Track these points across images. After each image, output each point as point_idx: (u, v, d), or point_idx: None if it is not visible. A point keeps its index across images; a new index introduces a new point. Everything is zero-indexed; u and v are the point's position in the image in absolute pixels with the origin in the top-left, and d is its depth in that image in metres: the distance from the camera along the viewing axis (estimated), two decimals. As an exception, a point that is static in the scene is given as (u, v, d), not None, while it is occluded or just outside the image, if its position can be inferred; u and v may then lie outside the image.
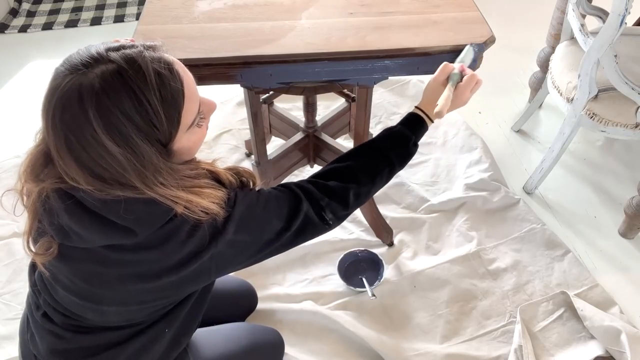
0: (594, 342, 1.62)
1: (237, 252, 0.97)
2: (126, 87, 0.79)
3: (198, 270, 0.93)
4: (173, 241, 0.90)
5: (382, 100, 2.49)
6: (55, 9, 3.28)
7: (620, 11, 1.48)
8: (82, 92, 0.78)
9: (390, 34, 1.28)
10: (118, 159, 0.80)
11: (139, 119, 0.80)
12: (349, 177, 1.09)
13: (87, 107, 0.77)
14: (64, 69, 0.80)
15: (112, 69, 0.79)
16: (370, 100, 1.52)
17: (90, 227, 0.86)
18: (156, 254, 0.90)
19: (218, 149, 2.27)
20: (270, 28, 1.31)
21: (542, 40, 2.29)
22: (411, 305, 1.73)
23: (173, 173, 0.87)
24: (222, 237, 0.92)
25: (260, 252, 1.00)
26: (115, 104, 0.78)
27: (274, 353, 1.42)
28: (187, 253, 0.91)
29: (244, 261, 1.00)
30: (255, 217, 0.97)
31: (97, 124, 0.78)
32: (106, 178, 0.83)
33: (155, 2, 1.42)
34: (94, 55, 0.81)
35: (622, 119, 1.72)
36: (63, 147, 0.80)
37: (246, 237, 0.96)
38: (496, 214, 2.00)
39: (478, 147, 2.23)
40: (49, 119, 0.80)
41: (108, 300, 0.95)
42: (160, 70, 0.82)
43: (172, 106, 0.84)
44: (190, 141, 0.92)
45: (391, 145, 1.13)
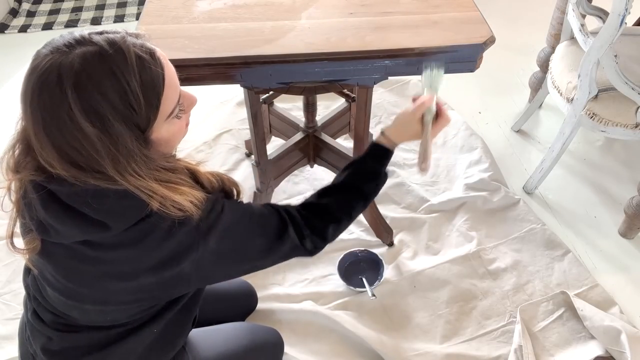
0: (594, 342, 1.62)
1: (218, 263, 0.96)
2: (106, 67, 0.78)
3: (177, 275, 0.92)
4: (150, 240, 0.88)
5: (382, 100, 2.49)
6: (55, 9, 3.28)
7: (620, 11, 1.48)
8: (61, 71, 0.77)
9: (390, 34, 1.28)
10: (92, 141, 0.79)
11: (117, 100, 0.79)
12: (329, 216, 1.13)
13: (65, 86, 0.77)
14: (46, 51, 0.80)
15: (93, 50, 0.78)
16: (370, 100, 1.52)
17: (65, 221, 0.85)
18: (134, 253, 0.89)
19: (218, 149, 2.27)
20: (270, 28, 1.31)
21: (542, 40, 2.29)
22: (411, 305, 1.73)
23: (147, 162, 0.85)
24: (205, 245, 0.91)
25: (240, 266, 1.00)
26: (94, 84, 0.77)
27: (274, 353, 1.42)
28: (166, 254, 0.90)
29: (223, 275, 1.00)
30: (240, 231, 0.97)
31: (75, 103, 0.77)
32: (81, 164, 0.82)
33: (155, 2, 1.42)
34: (76, 37, 0.80)
35: (622, 119, 1.72)
36: (40, 128, 0.79)
37: (229, 250, 0.96)
38: (496, 214, 2.00)
39: (478, 147, 2.23)
40: (27, 100, 0.80)
41: (88, 298, 0.95)
42: (141, 54, 0.81)
43: (152, 90, 0.82)
44: (169, 132, 0.89)
45: (364, 180, 1.17)
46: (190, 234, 0.90)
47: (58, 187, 0.84)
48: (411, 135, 1.18)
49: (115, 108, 0.79)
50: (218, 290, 1.49)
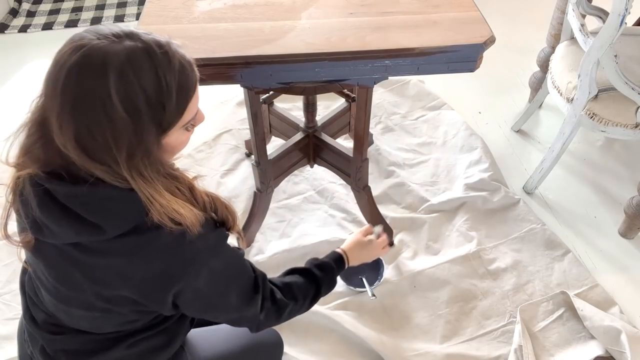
0: (594, 342, 1.62)
1: (194, 301, 0.96)
2: (151, 65, 0.82)
3: (157, 298, 0.92)
4: (142, 255, 0.89)
5: (382, 100, 2.49)
6: (55, 9, 3.28)
7: (620, 11, 1.48)
8: (108, 56, 0.80)
9: (390, 34, 1.28)
10: (118, 128, 0.81)
11: (153, 95, 0.82)
12: (291, 293, 1.16)
13: (109, 70, 0.79)
14: (91, 36, 0.82)
15: (141, 46, 0.82)
16: (370, 100, 1.52)
17: (60, 221, 0.85)
18: (123, 264, 0.89)
19: (218, 149, 2.27)
20: (270, 28, 1.31)
21: (542, 40, 2.29)
22: (411, 305, 1.73)
23: (157, 165, 0.87)
24: (191, 279, 0.92)
25: (206, 312, 1.01)
26: (137, 76, 0.80)
27: (274, 353, 1.42)
28: (154, 276, 0.90)
29: (191, 312, 1.01)
30: (226, 280, 0.98)
31: (114, 88, 0.79)
32: (93, 152, 0.82)
33: (155, 2, 1.42)
34: (125, 31, 0.83)
35: (622, 119, 1.72)
36: (67, 106, 0.81)
37: (209, 293, 0.97)
38: (496, 214, 2.00)
39: (478, 147, 2.23)
40: (61, 77, 0.80)
41: (75, 302, 0.94)
42: (182, 61, 0.86)
43: (184, 95, 0.87)
44: (177, 141, 0.92)
45: (324, 276, 1.24)
46: (181, 263, 0.90)
47: (56, 186, 0.84)
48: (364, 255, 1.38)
49: (150, 103, 0.82)
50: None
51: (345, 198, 2.04)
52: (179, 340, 1.13)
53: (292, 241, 1.91)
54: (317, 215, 2.00)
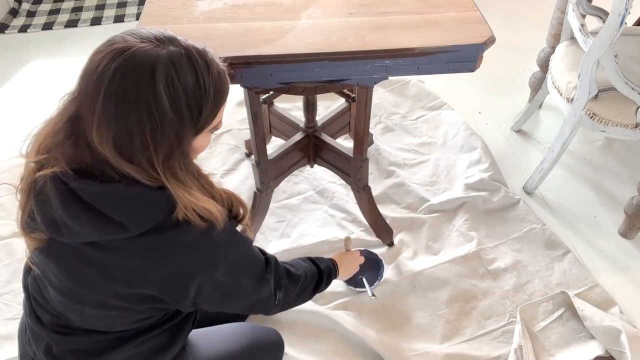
0: (594, 342, 1.62)
1: (213, 293, 1.00)
2: (192, 70, 0.86)
3: (178, 294, 0.96)
4: (163, 253, 0.91)
5: (382, 100, 2.49)
6: (55, 9, 3.28)
7: (620, 11, 1.48)
8: (157, 60, 0.83)
9: (390, 34, 1.28)
10: (162, 127, 0.84)
11: (193, 98, 0.86)
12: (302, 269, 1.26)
13: (156, 73, 0.82)
14: (134, 39, 0.85)
15: (184, 52, 0.86)
16: (370, 100, 1.52)
17: (83, 220, 0.87)
18: (144, 262, 0.91)
19: (218, 149, 2.27)
20: (270, 28, 1.31)
21: (542, 40, 2.29)
22: (411, 305, 1.73)
23: (190, 164, 0.92)
24: (212, 273, 0.96)
25: (224, 303, 1.05)
26: (181, 80, 0.84)
27: (274, 353, 1.42)
28: (176, 271, 0.93)
29: (208, 306, 1.04)
30: (241, 269, 1.03)
31: (161, 90, 0.82)
32: (127, 149, 0.85)
33: (155, 2, 1.42)
34: (167, 35, 0.88)
35: (622, 119, 1.72)
36: (111, 107, 0.82)
37: (227, 284, 1.00)
38: (496, 214, 2.00)
39: (478, 147, 2.23)
40: (105, 78, 0.82)
41: (89, 301, 0.96)
42: (218, 68, 0.92)
43: (219, 100, 0.92)
44: (202, 144, 0.96)
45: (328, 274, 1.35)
46: (202, 258, 0.94)
47: (82, 184, 0.86)
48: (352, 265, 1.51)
49: (190, 106, 0.86)
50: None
51: (345, 198, 2.04)
52: (182, 339, 1.14)
53: (292, 241, 1.91)
54: (317, 215, 2.00)
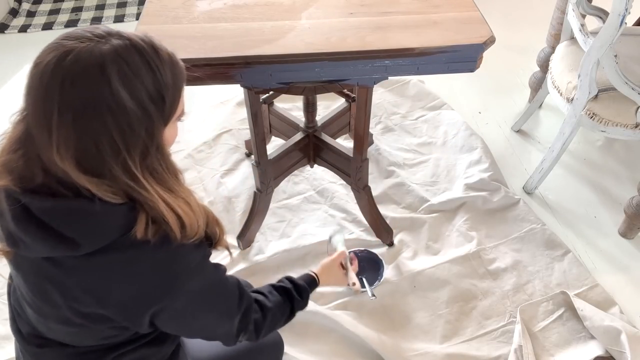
0: (594, 342, 1.62)
1: (170, 321, 0.94)
2: (143, 59, 0.80)
3: (134, 317, 0.89)
4: (121, 274, 0.85)
5: (382, 100, 2.49)
6: (55, 9, 3.28)
7: (620, 11, 1.48)
8: (102, 58, 0.76)
9: (390, 34, 1.28)
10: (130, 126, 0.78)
11: (153, 89, 0.80)
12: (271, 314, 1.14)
13: (107, 71, 0.76)
14: (70, 42, 0.77)
15: (128, 43, 0.79)
16: (370, 100, 1.52)
17: (35, 236, 0.81)
18: (99, 281, 0.85)
19: (218, 149, 2.27)
20: (270, 28, 1.31)
21: (542, 40, 2.29)
22: (411, 305, 1.73)
23: (167, 158, 0.86)
24: (171, 301, 0.89)
25: (183, 329, 0.99)
26: (134, 72, 0.78)
27: (274, 353, 1.42)
28: (130, 296, 0.87)
29: (169, 327, 0.97)
30: (205, 301, 0.96)
31: (118, 88, 0.76)
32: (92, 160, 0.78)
33: (155, 2, 1.42)
34: (106, 30, 0.80)
35: (622, 119, 1.72)
36: (67, 119, 0.75)
37: (187, 315, 0.94)
38: (496, 214, 2.00)
39: (478, 147, 2.23)
40: (55, 91, 0.75)
41: (51, 316, 0.91)
42: (168, 52, 0.85)
43: (178, 84, 0.86)
44: (171, 136, 0.89)
45: (299, 299, 1.22)
46: (161, 284, 0.87)
47: (32, 200, 0.80)
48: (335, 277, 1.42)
49: (152, 97, 0.80)
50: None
51: (345, 198, 2.04)
52: (169, 345, 1.10)
53: (292, 241, 1.91)
54: (317, 215, 2.00)
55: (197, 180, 2.15)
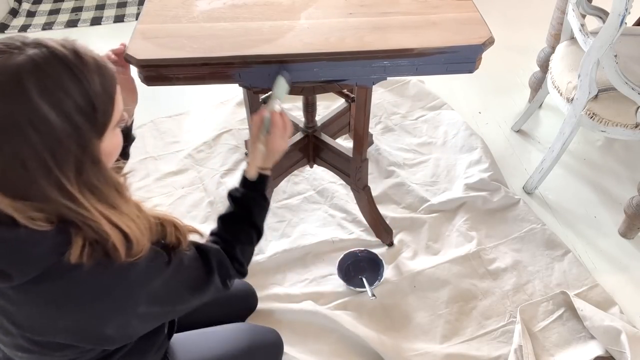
0: (594, 342, 1.62)
1: (143, 322, 0.92)
2: (65, 67, 0.74)
3: (97, 335, 0.86)
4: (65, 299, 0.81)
5: (382, 100, 2.49)
6: (55, 9, 3.29)
7: (620, 11, 1.48)
8: (18, 70, 0.70)
9: (389, 35, 1.28)
10: (59, 142, 0.72)
11: (80, 99, 0.74)
12: (237, 250, 1.09)
13: (25, 85, 0.70)
14: None
15: (47, 51, 0.73)
16: (370, 100, 1.52)
17: None
18: (45, 309, 0.81)
19: (218, 149, 2.27)
20: (269, 28, 1.31)
21: (542, 40, 2.29)
22: (411, 305, 1.73)
23: (106, 172, 0.80)
24: (133, 310, 0.86)
25: (166, 319, 0.99)
26: (56, 82, 0.72)
27: (274, 353, 1.42)
28: (82, 318, 0.83)
29: (148, 328, 0.96)
30: (170, 292, 0.93)
31: (40, 102, 0.70)
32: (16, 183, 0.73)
33: (154, 1, 1.41)
34: (22, 40, 0.74)
35: (622, 119, 1.72)
36: None
37: (158, 310, 0.92)
38: (496, 214, 2.00)
39: (478, 147, 2.23)
40: None
41: (12, 345, 0.88)
42: (93, 56, 0.78)
43: (109, 91, 0.79)
44: (112, 144, 0.83)
45: (247, 210, 1.13)
46: (116, 299, 0.84)
47: None
48: (264, 157, 1.15)
49: (79, 107, 0.74)
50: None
51: (345, 198, 2.04)
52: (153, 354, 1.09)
53: (292, 241, 1.91)
54: (317, 215, 2.00)
55: (197, 180, 2.15)
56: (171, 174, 2.18)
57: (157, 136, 2.36)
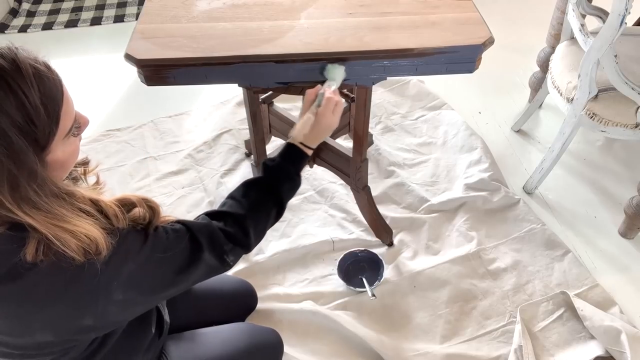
0: (594, 342, 1.61)
1: (125, 309, 0.88)
2: (1, 81, 0.71)
3: (78, 327, 0.84)
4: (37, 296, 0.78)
5: (382, 100, 2.49)
6: (55, 9, 3.29)
7: (620, 11, 1.48)
8: None
9: (388, 35, 1.28)
10: None
11: (16, 113, 0.72)
12: (248, 220, 1.05)
13: None
14: None
15: None
16: (370, 100, 1.52)
17: None
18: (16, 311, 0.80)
19: (218, 149, 2.27)
20: (269, 28, 1.31)
21: (542, 40, 2.29)
22: (411, 305, 1.73)
23: (49, 185, 0.76)
24: (108, 297, 0.82)
25: (152, 303, 0.94)
26: None
27: (273, 353, 1.42)
28: (62, 310, 0.81)
29: (133, 315, 0.93)
30: (148, 275, 0.88)
31: None
32: None
33: (154, 1, 1.42)
34: None
35: (622, 119, 1.72)
36: None
37: (137, 296, 0.88)
38: (496, 214, 2.00)
39: (478, 147, 2.23)
40: None
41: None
42: (36, 65, 0.75)
43: (52, 102, 0.75)
44: (66, 153, 0.81)
45: (277, 181, 1.10)
46: (89, 288, 0.81)
47: None
48: (312, 128, 1.14)
49: (15, 122, 0.71)
50: (217, 290, 1.49)
51: (345, 198, 2.04)
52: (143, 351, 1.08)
53: (292, 241, 1.91)
54: (317, 215, 2.00)
55: (197, 180, 2.15)
56: (171, 174, 2.18)
57: (157, 136, 2.36)
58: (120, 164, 2.24)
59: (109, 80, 2.68)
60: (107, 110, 2.54)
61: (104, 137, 2.37)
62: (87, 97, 2.57)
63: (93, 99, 2.59)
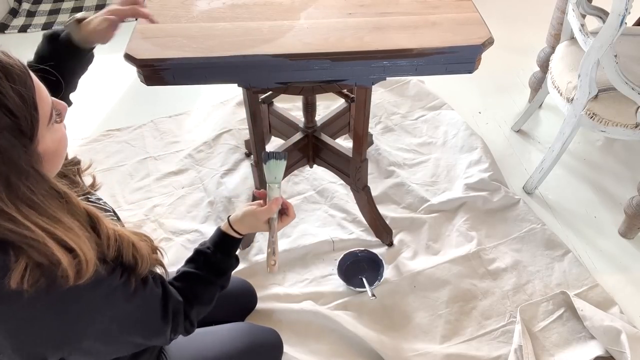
0: (594, 342, 1.61)
1: (88, 356, 0.88)
2: None
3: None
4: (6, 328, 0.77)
5: (382, 100, 2.49)
6: (55, 9, 3.29)
7: (620, 11, 1.48)
8: None
9: (388, 35, 1.28)
10: None
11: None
12: (200, 313, 1.08)
13: None
14: None
15: None
16: (369, 100, 1.52)
17: None
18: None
19: (218, 149, 2.28)
20: (269, 28, 1.31)
21: (542, 40, 2.29)
22: (411, 305, 1.73)
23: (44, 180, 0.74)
24: (77, 344, 0.82)
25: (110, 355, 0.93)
26: None
27: (273, 353, 1.42)
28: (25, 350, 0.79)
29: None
30: (120, 333, 0.88)
31: None
32: None
33: (154, 1, 1.42)
34: None
35: (622, 119, 1.72)
36: None
37: (102, 347, 0.87)
38: (496, 214, 2.00)
39: (478, 147, 2.23)
40: None
41: None
42: (9, 63, 0.71)
43: (23, 88, 0.71)
44: (55, 141, 0.78)
45: (216, 274, 1.12)
46: (60, 330, 0.80)
47: None
48: (256, 229, 1.16)
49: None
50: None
51: (345, 198, 2.04)
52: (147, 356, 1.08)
53: (292, 241, 1.91)
54: (317, 215, 2.00)
55: (197, 180, 2.15)
56: (171, 174, 2.18)
57: (157, 136, 2.36)
58: (120, 164, 2.24)
59: (108, 80, 2.68)
60: (107, 110, 2.54)
61: (104, 137, 2.37)
62: (87, 97, 2.57)
63: (93, 99, 2.59)
